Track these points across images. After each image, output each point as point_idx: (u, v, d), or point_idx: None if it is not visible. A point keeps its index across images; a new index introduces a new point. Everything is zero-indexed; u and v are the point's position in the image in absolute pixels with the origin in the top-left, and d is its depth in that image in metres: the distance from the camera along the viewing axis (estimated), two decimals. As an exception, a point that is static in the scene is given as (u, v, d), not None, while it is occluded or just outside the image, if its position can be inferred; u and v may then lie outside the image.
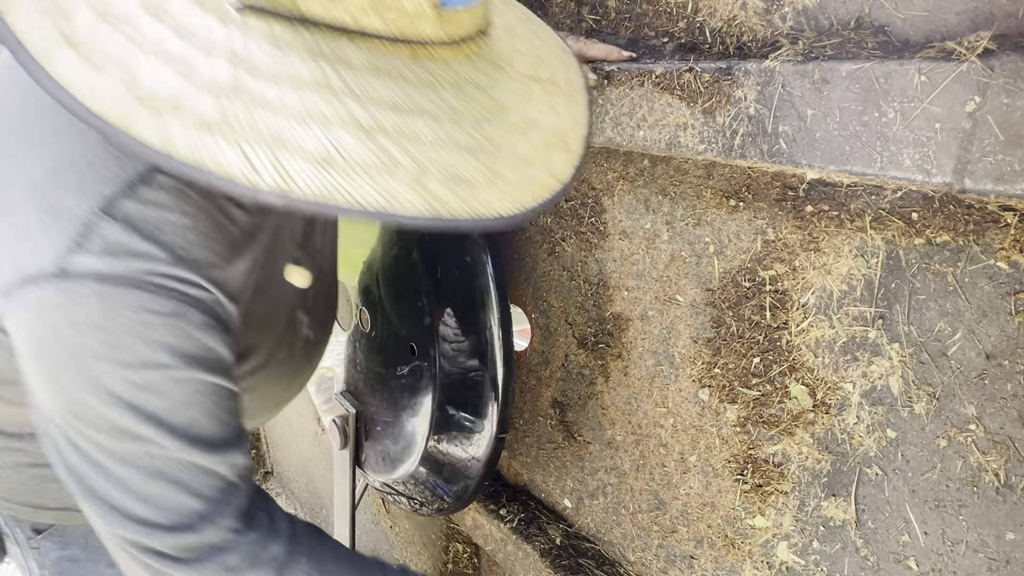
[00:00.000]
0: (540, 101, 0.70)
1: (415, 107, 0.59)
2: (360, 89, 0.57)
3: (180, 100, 0.54)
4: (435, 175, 0.57)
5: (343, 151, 0.54)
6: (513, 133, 0.65)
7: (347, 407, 1.55)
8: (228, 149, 0.53)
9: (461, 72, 0.63)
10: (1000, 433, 0.71)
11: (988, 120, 0.59)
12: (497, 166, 0.62)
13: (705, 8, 0.88)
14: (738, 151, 0.79)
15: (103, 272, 0.65)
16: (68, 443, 0.70)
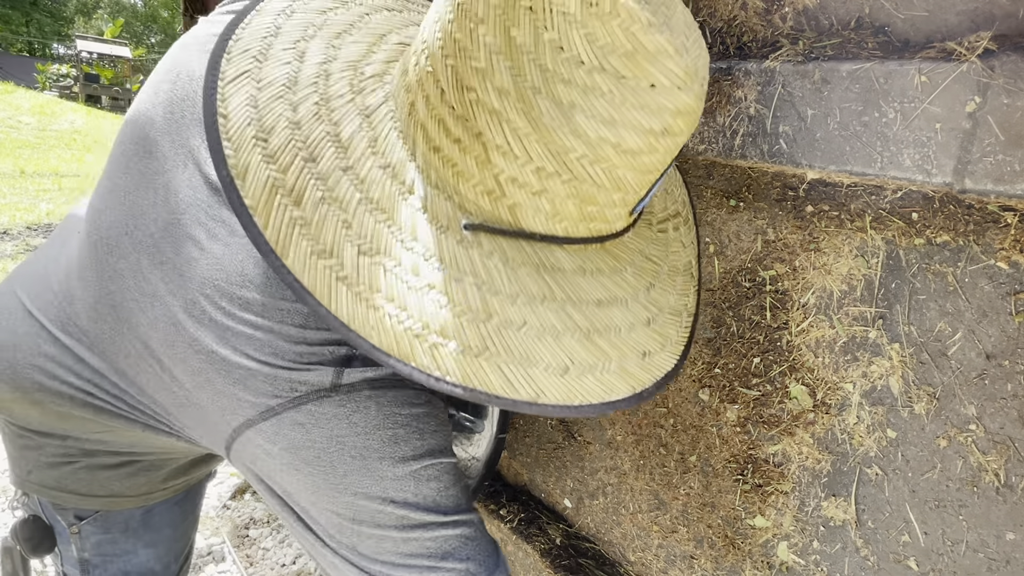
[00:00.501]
0: (675, 242, 0.80)
1: (611, 298, 0.68)
2: (574, 293, 0.66)
3: (447, 331, 0.62)
4: (631, 358, 0.67)
5: (575, 359, 0.63)
6: (668, 289, 0.75)
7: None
8: (491, 371, 0.61)
9: (633, 246, 0.73)
10: (1000, 433, 0.71)
11: (988, 120, 0.59)
12: (666, 330, 0.72)
13: (705, 8, 0.88)
14: (738, 151, 0.79)
15: (373, 377, 0.71)
16: (349, 550, 0.73)
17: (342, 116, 0.67)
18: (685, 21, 0.61)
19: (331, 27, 0.73)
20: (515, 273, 0.64)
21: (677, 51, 0.57)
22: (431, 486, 0.73)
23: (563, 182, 0.61)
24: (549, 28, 0.55)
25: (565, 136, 0.58)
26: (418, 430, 0.73)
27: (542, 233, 0.65)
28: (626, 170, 0.62)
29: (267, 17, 0.71)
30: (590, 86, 0.56)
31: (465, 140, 0.61)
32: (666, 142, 0.61)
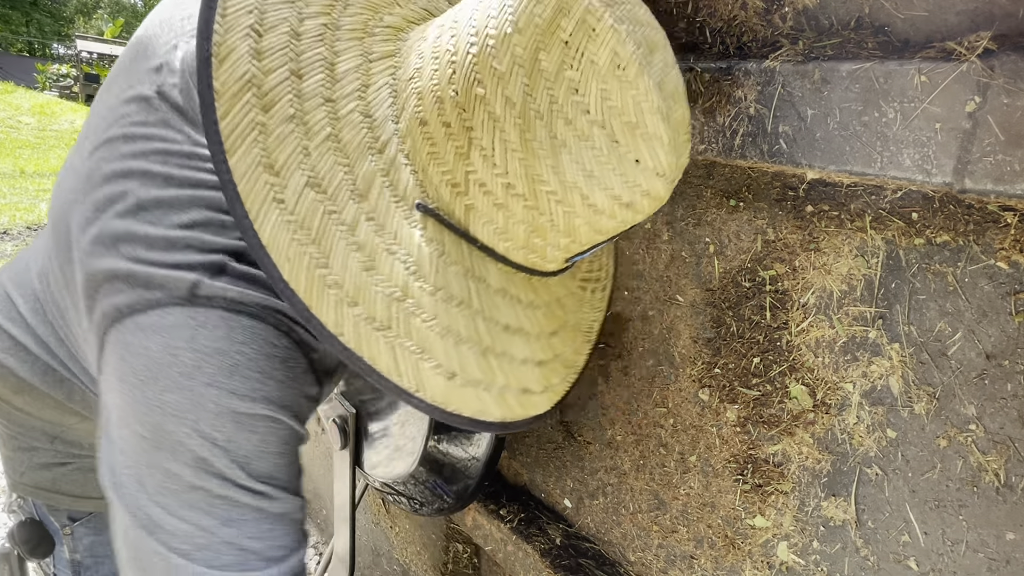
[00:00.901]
0: (587, 304, 0.82)
1: (519, 327, 0.70)
2: (489, 310, 0.67)
3: (360, 294, 0.61)
4: (513, 389, 0.68)
5: (464, 368, 0.64)
6: (567, 342, 0.77)
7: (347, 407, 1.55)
8: (384, 349, 0.61)
9: (554, 291, 0.76)
10: (1000, 433, 0.71)
11: (988, 120, 0.59)
12: (551, 377, 0.74)
13: (705, 8, 0.88)
14: (738, 151, 0.79)
15: (232, 298, 0.66)
16: (136, 482, 0.66)
17: (345, 48, 0.65)
18: (685, 118, 0.64)
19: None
20: (445, 268, 0.64)
21: (671, 144, 0.60)
22: (250, 439, 0.67)
23: (524, 207, 0.62)
24: (574, 68, 0.57)
25: (545, 168, 0.60)
26: (261, 372, 0.67)
27: (484, 243, 0.66)
28: (583, 222, 0.64)
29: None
30: (586, 135, 0.58)
31: (454, 127, 0.61)
32: (626, 214, 0.64)
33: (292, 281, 0.59)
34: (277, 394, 0.68)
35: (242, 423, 0.65)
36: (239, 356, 0.65)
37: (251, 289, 0.68)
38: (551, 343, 0.74)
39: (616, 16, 0.57)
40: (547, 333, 0.73)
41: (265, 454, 0.68)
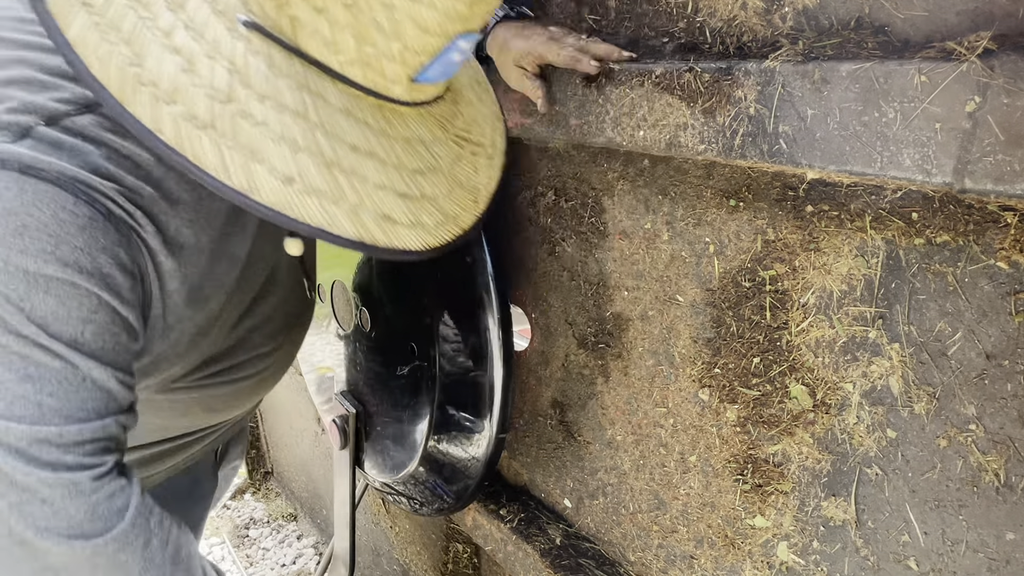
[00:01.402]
0: (467, 162, 0.81)
1: (370, 151, 0.68)
2: (331, 125, 0.66)
3: (178, 94, 0.60)
4: (369, 210, 0.67)
5: (304, 175, 0.63)
6: (440, 187, 0.76)
7: (347, 407, 1.55)
8: (209, 148, 0.60)
9: (412, 127, 0.73)
10: (1000, 433, 0.71)
11: (988, 120, 0.59)
12: (419, 213, 0.72)
13: (705, 8, 0.88)
14: (738, 151, 0.79)
15: (28, 163, 0.66)
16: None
17: None
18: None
19: None
20: (274, 80, 0.63)
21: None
22: (46, 301, 0.66)
23: (343, 6, 0.61)
24: None
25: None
26: (53, 235, 0.66)
27: (316, 59, 0.64)
28: (404, 17, 0.61)
29: None
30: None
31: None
32: (446, 4, 0.62)
33: (103, 78, 0.58)
34: (72, 258, 0.67)
35: (35, 283, 0.65)
36: (28, 217, 0.65)
37: (52, 156, 0.68)
38: (416, 180, 0.73)
39: None
40: (408, 168, 0.72)
41: (68, 319, 0.68)
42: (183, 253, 0.83)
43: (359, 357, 1.51)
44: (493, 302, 1.16)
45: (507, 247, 1.34)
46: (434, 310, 1.22)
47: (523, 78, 1.01)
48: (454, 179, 0.77)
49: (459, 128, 0.81)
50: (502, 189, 0.87)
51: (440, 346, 1.23)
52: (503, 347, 1.16)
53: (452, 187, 0.77)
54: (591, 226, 1.14)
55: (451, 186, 0.77)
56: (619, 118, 0.93)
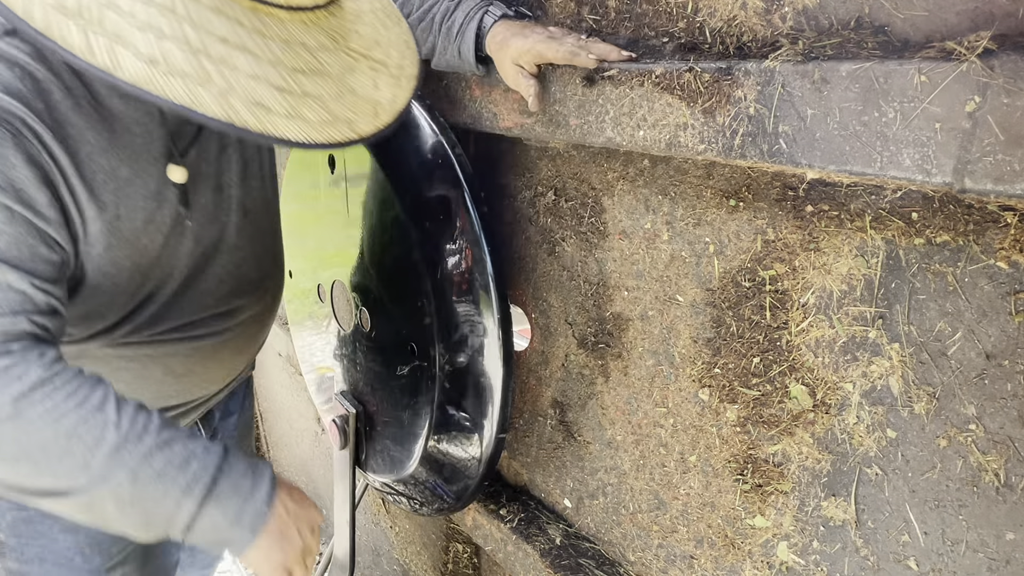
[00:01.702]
0: (363, 75, 0.84)
1: (241, 45, 0.73)
2: (199, 19, 0.71)
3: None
4: (240, 96, 0.72)
5: (168, 58, 0.69)
6: (326, 89, 0.79)
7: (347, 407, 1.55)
8: (76, 32, 0.67)
9: (293, 32, 0.77)
10: (1000, 433, 0.71)
11: (988, 120, 0.59)
12: (299, 107, 0.76)
13: (705, 8, 0.88)
14: (738, 151, 0.79)
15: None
16: None
17: None
18: None
19: None
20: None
21: None
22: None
23: None
24: None
25: None
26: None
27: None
28: None
29: None
30: None
31: None
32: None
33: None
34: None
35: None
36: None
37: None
38: (296, 78, 0.77)
39: None
40: (287, 66, 0.76)
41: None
42: (94, 176, 0.90)
43: (359, 357, 1.51)
44: (493, 302, 1.16)
45: (507, 247, 1.34)
46: (434, 310, 1.22)
47: (519, 75, 1.02)
48: (345, 86, 0.81)
49: (356, 45, 0.85)
50: (409, 111, 0.90)
51: (440, 346, 1.23)
52: (503, 347, 1.16)
53: (342, 92, 0.80)
54: (591, 226, 1.14)
55: (341, 91, 0.80)
56: (619, 118, 0.93)
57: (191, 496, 0.84)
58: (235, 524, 0.88)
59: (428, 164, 1.21)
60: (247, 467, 0.92)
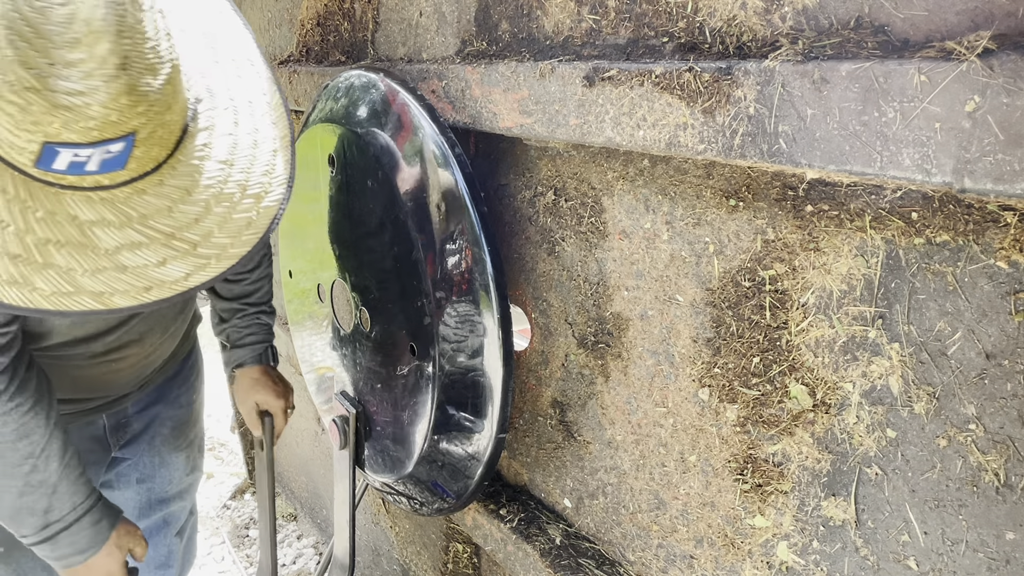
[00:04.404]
0: (149, 252, 0.86)
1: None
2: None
3: None
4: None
5: None
6: (82, 262, 0.82)
7: (347, 407, 1.55)
8: None
9: (67, 206, 0.81)
10: (1000, 433, 0.71)
11: (988, 120, 0.59)
12: (31, 275, 0.81)
13: (705, 8, 0.88)
14: (738, 151, 0.79)
15: None
16: None
17: None
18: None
19: None
20: None
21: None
22: None
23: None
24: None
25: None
26: None
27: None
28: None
29: None
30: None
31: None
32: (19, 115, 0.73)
33: None
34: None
35: None
36: None
37: None
38: (43, 249, 0.81)
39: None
40: (39, 236, 0.80)
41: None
42: None
43: (359, 357, 1.51)
44: (493, 302, 1.16)
45: (507, 247, 1.34)
46: (434, 310, 1.22)
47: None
48: (113, 261, 0.84)
49: (163, 223, 0.87)
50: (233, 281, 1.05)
51: (440, 346, 1.23)
52: (503, 347, 1.16)
53: (104, 267, 0.84)
54: (591, 226, 1.14)
55: (102, 266, 0.84)
56: (619, 118, 0.93)
57: (38, 534, 1.24)
58: (56, 561, 1.27)
59: (428, 164, 1.21)
60: (93, 531, 1.27)
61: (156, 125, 0.81)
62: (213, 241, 0.91)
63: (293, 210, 1.65)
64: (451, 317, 1.22)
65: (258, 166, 0.94)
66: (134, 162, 0.81)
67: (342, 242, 1.47)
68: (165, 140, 0.83)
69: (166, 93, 0.81)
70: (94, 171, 0.79)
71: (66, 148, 0.75)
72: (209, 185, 0.90)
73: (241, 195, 0.93)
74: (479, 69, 1.14)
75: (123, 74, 0.75)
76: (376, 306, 1.39)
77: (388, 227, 1.29)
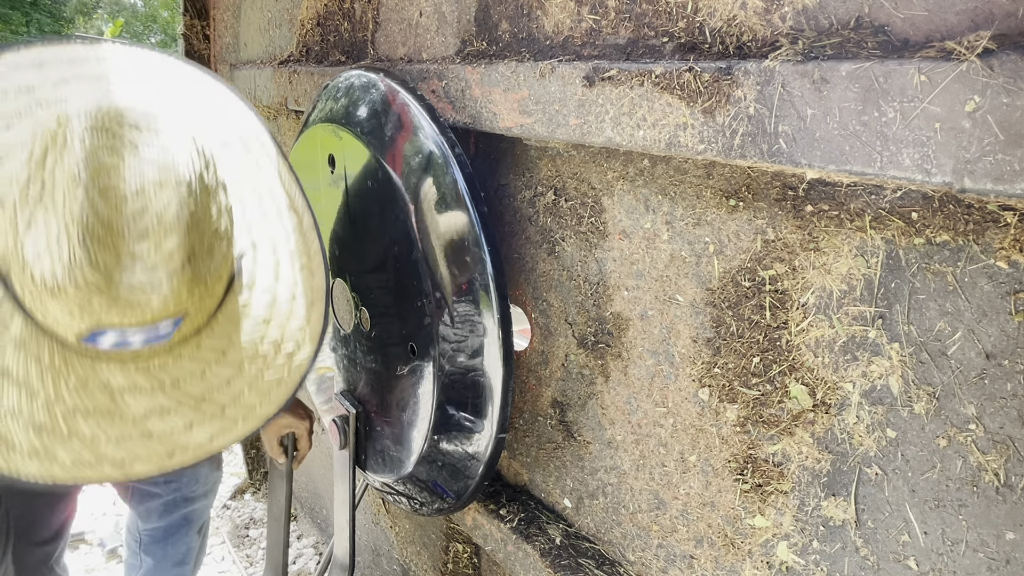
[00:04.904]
0: (176, 417, 0.85)
1: (21, 381, 0.75)
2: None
3: None
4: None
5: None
6: (108, 431, 0.81)
7: (347, 407, 1.55)
8: None
9: (100, 373, 0.80)
10: (1000, 433, 0.71)
11: (988, 120, 0.59)
12: (54, 447, 0.78)
13: (705, 8, 0.88)
14: (738, 151, 0.79)
15: None
16: None
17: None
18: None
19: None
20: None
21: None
22: None
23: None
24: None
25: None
26: None
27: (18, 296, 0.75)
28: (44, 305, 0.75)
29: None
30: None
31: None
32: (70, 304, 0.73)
33: None
34: None
35: None
36: None
37: None
38: (70, 419, 0.79)
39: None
40: (68, 405, 0.79)
41: None
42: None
43: (359, 357, 1.51)
44: (493, 302, 1.16)
45: (507, 247, 1.34)
46: (434, 310, 1.22)
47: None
48: (140, 428, 0.83)
49: (194, 387, 0.86)
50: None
51: (440, 346, 1.23)
52: (503, 347, 1.16)
53: (130, 435, 0.82)
54: (591, 226, 1.14)
55: (128, 434, 0.82)
56: (619, 118, 0.93)
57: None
58: None
59: (428, 164, 1.21)
60: None
61: (206, 302, 0.81)
62: (242, 402, 0.90)
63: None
64: (451, 317, 1.22)
65: (294, 320, 0.94)
66: (177, 334, 0.81)
67: (342, 242, 1.47)
68: (209, 308, 0.83)
69: (220, 271, 0.81)
70: (137, 347, 0.79)
71: (116, 331, 0.76)
72: (245, 346, 0.89)
73: (275, 354, 0.92)
74: (479, 69, 1.15)
75: (188, 267, 0.75)
76: (376, 306, 1.39)
77: (388, 227, 1.28)
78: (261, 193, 0.96)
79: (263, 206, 0.95)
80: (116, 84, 0.85)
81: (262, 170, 0.97)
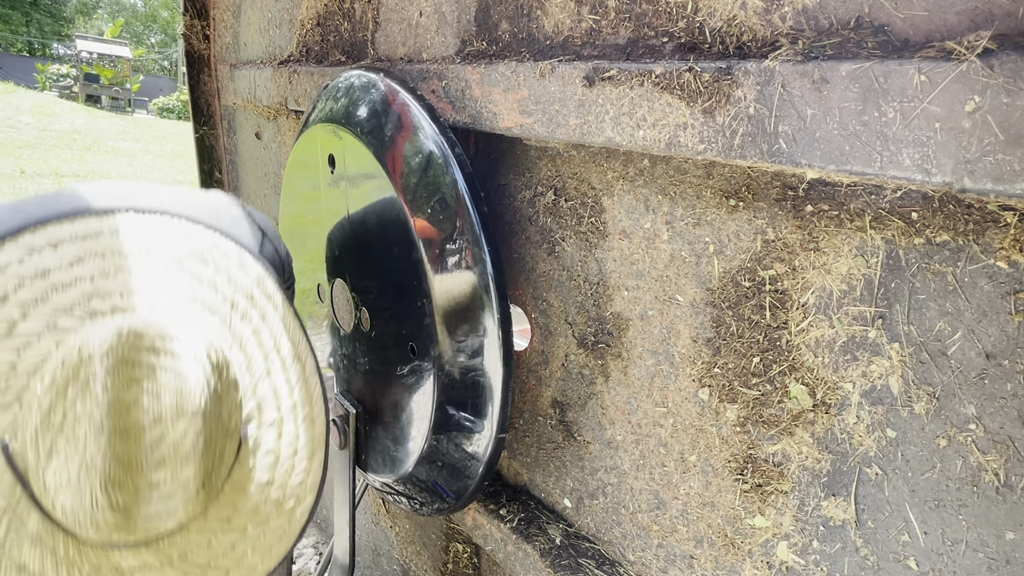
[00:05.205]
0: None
1: (37, 572, 0.78)
2: (8, 544, 0.77)
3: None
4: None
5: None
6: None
7: (347, 407, 1.55)
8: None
9: (112, 558, 0.82)
10: (1000, 433, 0.71)
11: (988, 120, 0.59)
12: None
13: (705, 8, 0.88)
14: (738, 151, 0.79)
15: None
16: None
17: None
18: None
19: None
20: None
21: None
22: None
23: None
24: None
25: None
26: None
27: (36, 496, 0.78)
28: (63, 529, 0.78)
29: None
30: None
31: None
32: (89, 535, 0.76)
33: None
34: None
35: None
36: None
37: None
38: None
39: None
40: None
41: None
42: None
43: (359, 357, 1.51)
44: (493, 302, 1.16)
45: (507, 247, 1.34)
46: (434, 310, 1.22)
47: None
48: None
49: (201, 556, 0.88)
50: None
51: (440, 346, 1.23)
52: (503, 347, 1.16)
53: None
54: (591, 226, 1.14)
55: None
56: (619, 118, 0.93)
57: None
58: None
59: (428, 164, 1.21)
60: None
61: (214, 493, 0.84)
62: (245, 563, 0.92)
63: (293, 210, 1.65)
64: (451, 317, 1.22)
65: (295, 477, 0.96)
66: (186, 516, 0.84)
67: (342, 242, 1.47)
68: (217, 488, 0.86)
69: (230, 461, 0.84)
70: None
71: (130, 547, 0.80)
72: (248, 510, 0.91)
73: (277, 513, 0.95)
74: (479, 69, 1.15)
75: (202, 491, 0.78)
76: (376, 306, 1.39)
77: (388, 227, 1.29)
78: (268, 350, 0.99)
79: (268, 362, 0.99)
80: (129, 263, 0.89)
81: (268, 324, 1.01)
